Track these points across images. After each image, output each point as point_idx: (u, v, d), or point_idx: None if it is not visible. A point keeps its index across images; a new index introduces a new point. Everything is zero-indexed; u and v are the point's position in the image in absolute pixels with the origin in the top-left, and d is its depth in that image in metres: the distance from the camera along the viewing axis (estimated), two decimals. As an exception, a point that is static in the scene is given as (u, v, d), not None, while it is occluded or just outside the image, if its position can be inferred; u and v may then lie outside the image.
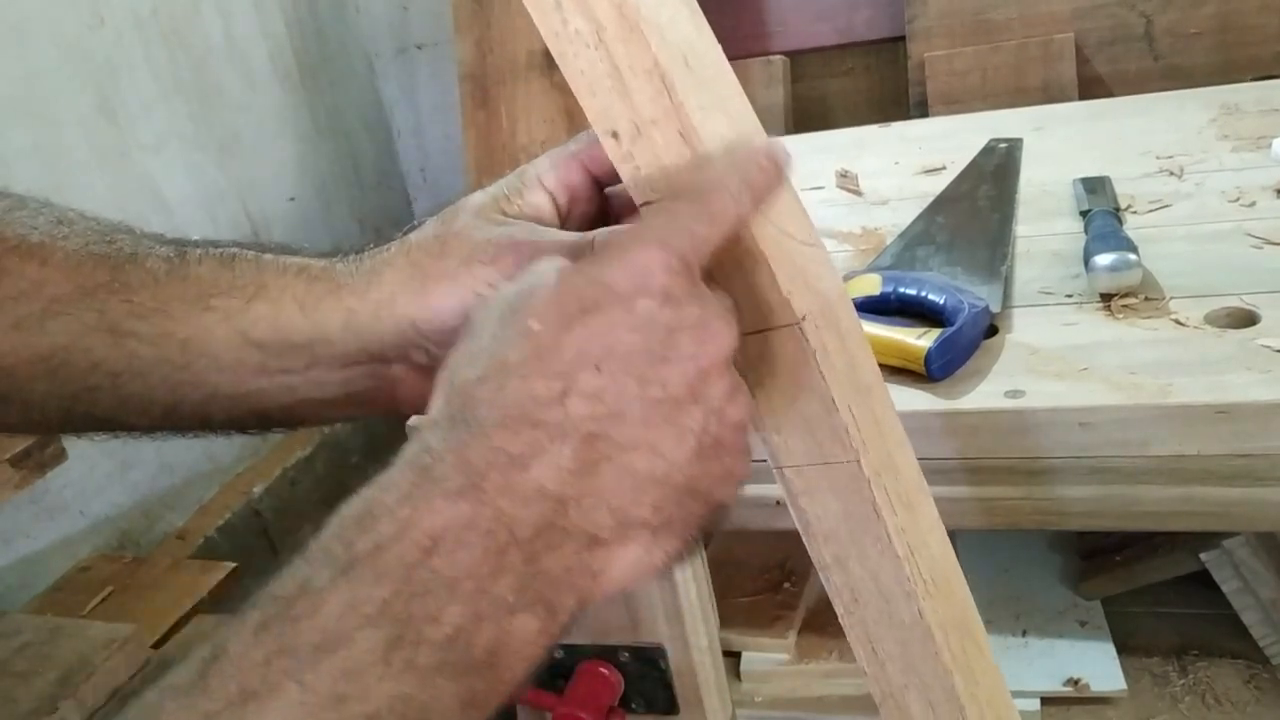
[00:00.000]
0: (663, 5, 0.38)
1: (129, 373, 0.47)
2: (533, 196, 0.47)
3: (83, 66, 1.34)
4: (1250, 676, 0.85)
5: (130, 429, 0.49)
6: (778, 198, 0.41)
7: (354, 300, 0.47)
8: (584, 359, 0.34)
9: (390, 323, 0.46)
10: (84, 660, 0.93)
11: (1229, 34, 1.55)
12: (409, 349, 0.46)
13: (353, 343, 0.47)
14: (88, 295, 0.46)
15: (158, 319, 0.46)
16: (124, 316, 0.46)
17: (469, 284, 0.44)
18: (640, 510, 0.35)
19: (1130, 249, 0.82)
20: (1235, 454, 0.69)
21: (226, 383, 0.47)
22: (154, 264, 0.47)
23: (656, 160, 0.40)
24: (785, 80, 1.79)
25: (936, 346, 0.75)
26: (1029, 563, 0.97)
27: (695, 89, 0.39)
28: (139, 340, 0.46)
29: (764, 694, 0.91)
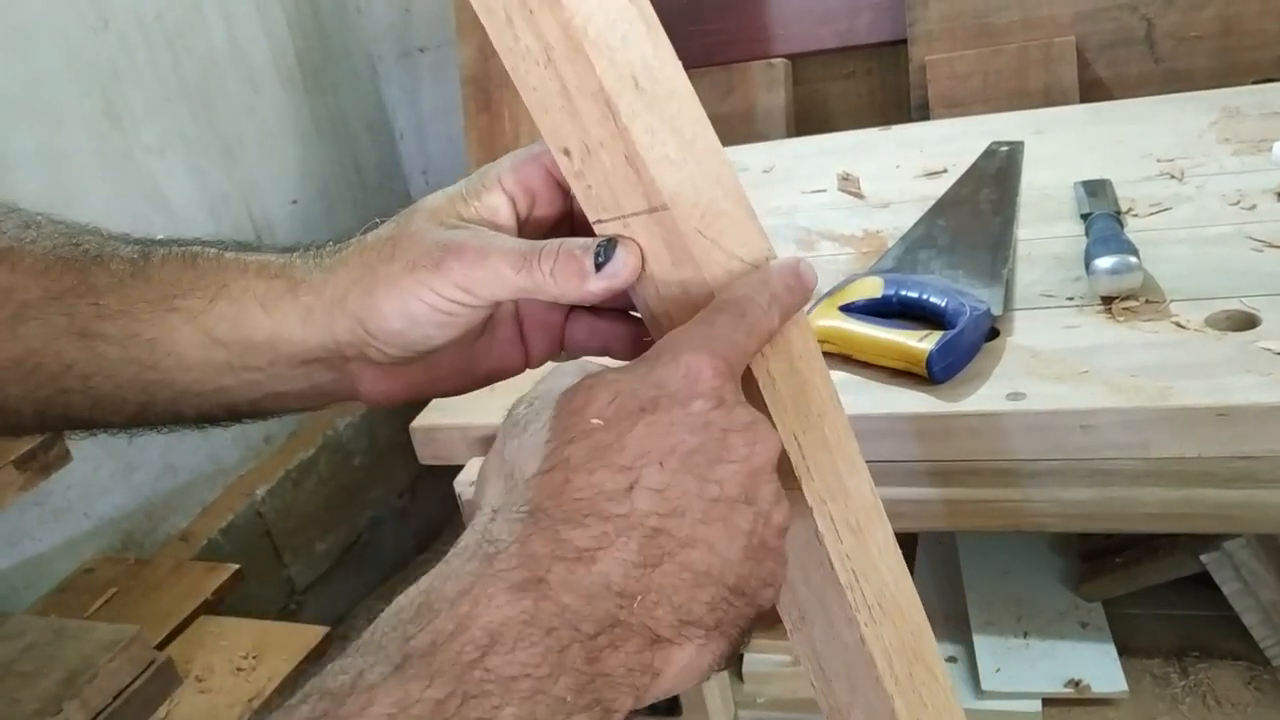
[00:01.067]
0: (615, 25, 0.38)
1: (100, 374, 0.48)
2: (490, 198, 0.47)
3: (86, 69, 1.34)
4: (1251, 678, 0.85)
5: (105, 427, 0.51)
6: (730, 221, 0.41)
7: (311, 298, 0.47)
8: (648, 455, 0.35)
9: (343, 322, 0.46)
10: (88, 661, 0.94)
11: (1230, 37, 1.55)
12: (363, 347, 0.47)
13: (312, 339, 0.47)
14: (56, 299, 0.47)
15: (124, 321, 0.47)
16: (92, 319, 0.47)
17: (411, 289, 0.44)
18: (698, 608, 0.35)
19: (1131, 252, 0.83)
20: (1235, 456, 0.69)
21: (195, 381, 0.48)
22: (118, 266, 0.48)
23: (605, 181, 0.40)
24: (787, 83, 1.79)
25: (938, 349, 0.75)
26: (1030, 564, 0.97)
27: (644, 112, 0.38)
28: (107, 342, 0.47)
29: (766, 695, 0.91)
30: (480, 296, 0.44)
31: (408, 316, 0.45)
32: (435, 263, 0.44)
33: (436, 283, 0.44)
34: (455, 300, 0.44)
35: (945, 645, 0.91)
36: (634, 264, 0.42)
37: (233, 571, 1.24)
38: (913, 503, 0.78)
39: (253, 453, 1.61)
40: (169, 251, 0.49)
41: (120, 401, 0.48)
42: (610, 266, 0.42)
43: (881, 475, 0.77)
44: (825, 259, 1.04)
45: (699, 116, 0.40)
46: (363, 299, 0.45)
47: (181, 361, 0.48)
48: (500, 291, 0.44)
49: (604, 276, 0.42)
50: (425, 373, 0.49)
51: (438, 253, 0.44)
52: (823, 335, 0.83)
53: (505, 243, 0.44)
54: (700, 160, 0.40)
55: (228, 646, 1.11)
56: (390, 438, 1.80)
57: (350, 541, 1.73)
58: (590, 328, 0.49)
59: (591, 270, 0.42)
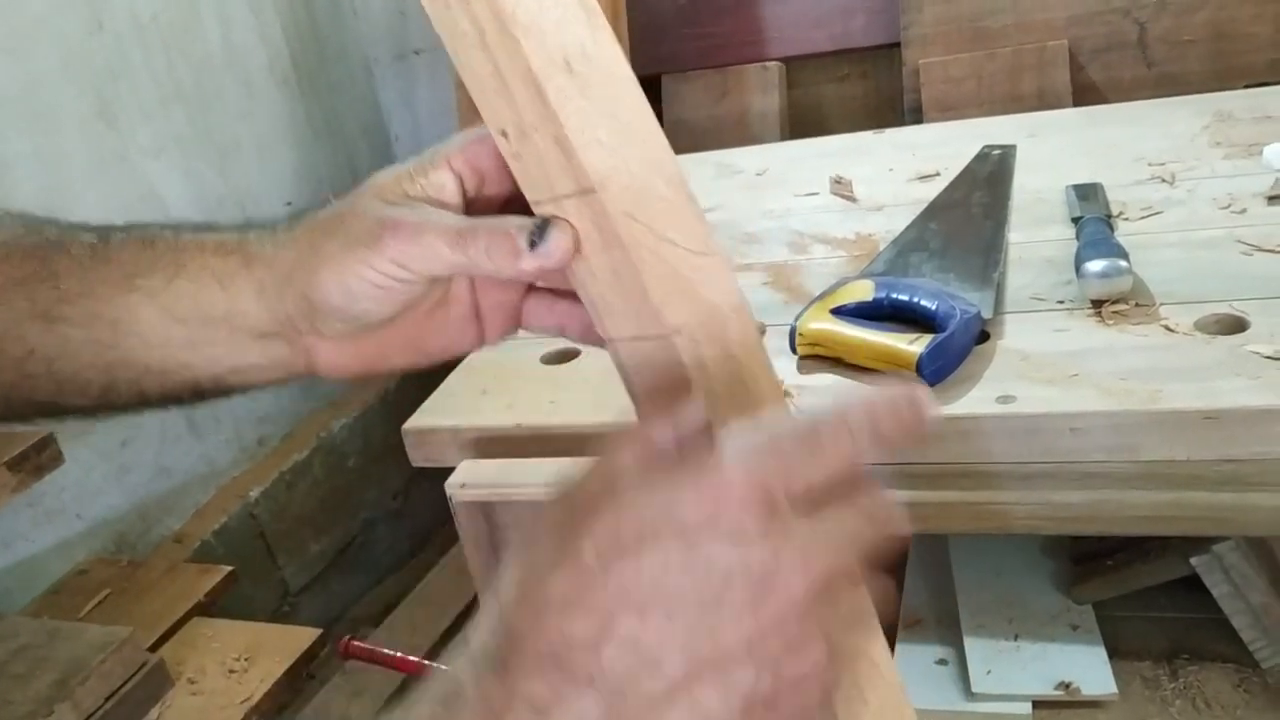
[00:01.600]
0: (547, 9, 0.38)
1: (63, 357, 0.49)
2: (436, 176, 0.47)
3: (82, 72, 1.35)
4: (1240, 680, 0.85)
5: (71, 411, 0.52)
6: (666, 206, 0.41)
7: (263, 272, 0.48)
8: (627, 600, 0.32)
9: (291, 297, 0.47)
10: (81, 663, 0.94)
11: (1222, 42, 1.55)
12: (312, 321, 0.48)
13: (265, 314, 0.48)
14: (18, 285, 0.48)
15: (85, 302, 0.48)
16: (54, 303, 0.48)
17: (350, 265, 0.45)
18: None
19: (1121, 256, 0.83)
20: (1225, 459, 0.70)
21: (157, 359, 0.49)
22: (78, 250, 0.49)
23: (539, 162, 0.40)
24: (781, 86, 1.79)
25: (928, 352, 0.75)
26: (1020, 567, 0.98)
27: (576, 95, 0.39)
28: (69, 324, 0.48)
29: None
30: (415, 272, 0.44)
31: (346, 292, 0.45)
32: (373, 239, 0.44)
33: (373, 259, 0.44)
34: (391, 276, 0.44)
35: (935, 648, 0.92)
36: (566, 245, 0.42)
37: (226, 573, 1.24)
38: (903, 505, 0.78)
39: (246, 454, 1.61)
40: (127, 235, 0.50)
41: (84, 383, 0.49)
42: (543, 247, 0.42)
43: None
44: (817, 262, 1.04)
45: (639, 103, 0.40)
46: (307, 275, 0.46)
47: (143, 340, 0.49)
48: (436, 267, 0.44)
49: (536, 256, 0.42)
50: (375, 346, 0.50)
51: (376, 229, 0.45)
52: (814, 338, 0.83)
53: (442, 219, 0.45)
54: (636, 145, 0.40)
55: (220, 648, 1.11)
56: (384, 440, 1.80)
57: (344, 543, 1.73)
58: (548, 306, 0.50)
59: (525, 249, 0.42)
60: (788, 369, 0.84)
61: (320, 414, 1.75)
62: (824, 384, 0.81)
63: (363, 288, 0.45)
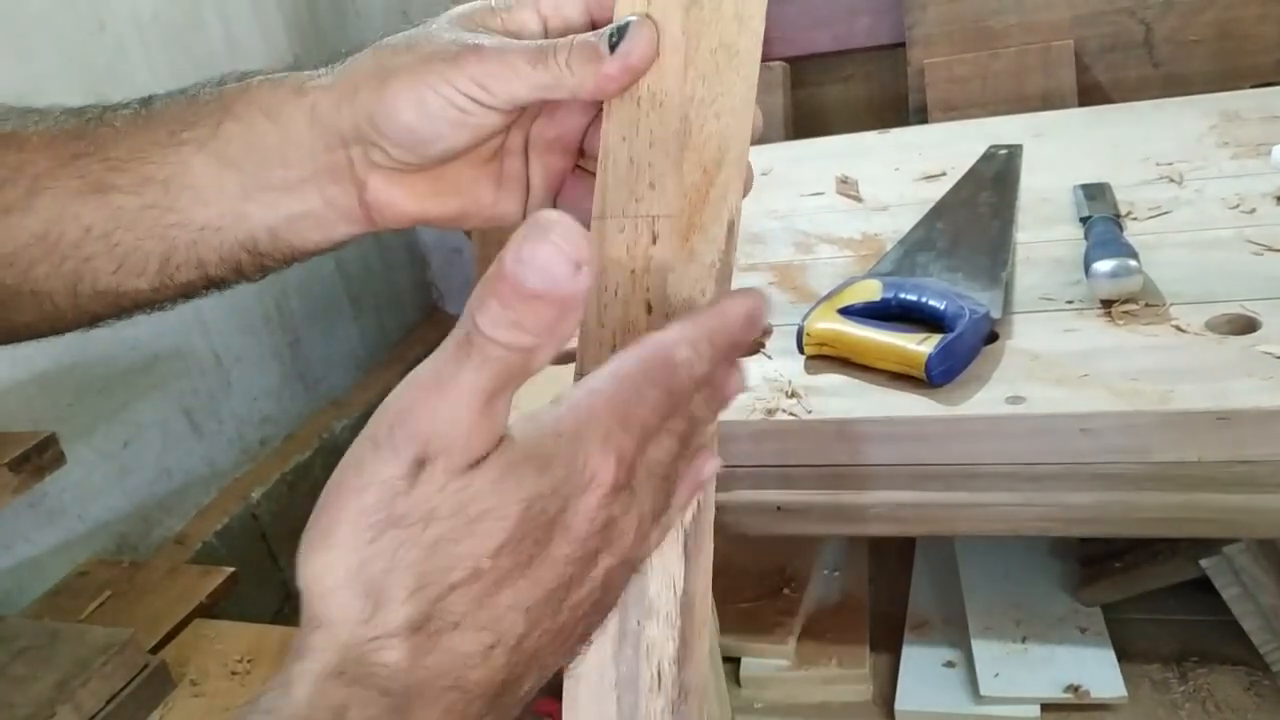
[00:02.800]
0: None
1: (120, 228, 0.48)
2: (521, 15, 0.46)
3: (83, 71, 1.34)
4: (1250, 683, 0.85)
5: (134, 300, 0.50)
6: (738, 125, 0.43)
7: (318, 95, 0.47)
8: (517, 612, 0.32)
9: (349, 114, 0.46)
10: (82, 665, 0.93)
11: (1228, 41, 1.55)
12: (369, 146, 0.46)
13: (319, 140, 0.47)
14: (66, 165, 0.48)
15: (135, 166, 0.48)
16: (104, 174, 0.48)
17: (428, 80, 0.44)
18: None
19: (1131, 255, 0.82)
20: (1236, 460, 0.69)
21: (212, 216, 0.48)
22: (122, 121, 0.49)
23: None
24: (785, 86, 1.79)
25: (937, 352, 0.75)
26: (1029, 569, 0.97)
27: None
28: (122, 193, 0.47)
29: (764, 699, 0.91)
30: (496, 94, 0.44)
31: (421, 108, 0.44)
32: (453, 57, 0.44)
33: (453, 75, 0.43)
34: (470, 96, 0.44)
35: (944, 650, 0.91)
36: (649, 38, 0.42)
37: (228, 575, 1.23)
38: (912, 506, 0.78)
39: (248, 456, 1.60)
40: (170, 96, 0.50)
41: (143, 257, 0.48)
42: (624, 44, 0.42)
43: (881, 479, 0.77)
44: (824, 262, 1.03)
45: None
46: (376, 90, 0.45)
47: (198, 196, 0.48)
48: (517, 88, 0.43)
49: (619, 56, 0.42)
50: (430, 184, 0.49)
51: (455, 49, 0.44)
52: (821, 338, 0.82)
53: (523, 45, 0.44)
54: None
55: (222, 650, 1.11)
56: (387, 441, 1.80)
57: (346, 545, 1.72)
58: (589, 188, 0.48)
59: (606, 53, 0.42)
60: (795, 369, 0.83)
61: (322, 414, 1.75)
62: (832, 384, 0.80)
63: (439, 105, 0.44)
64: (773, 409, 0.78)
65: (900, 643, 0.93)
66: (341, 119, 0.46)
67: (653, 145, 0.43)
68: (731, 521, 0.83)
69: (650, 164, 0.43)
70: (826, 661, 0.90)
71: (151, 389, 1.42)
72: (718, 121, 0.43)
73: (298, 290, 1.70)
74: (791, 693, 0.90)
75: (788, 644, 0.91)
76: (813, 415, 0.77)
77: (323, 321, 1.78)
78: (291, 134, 0.47)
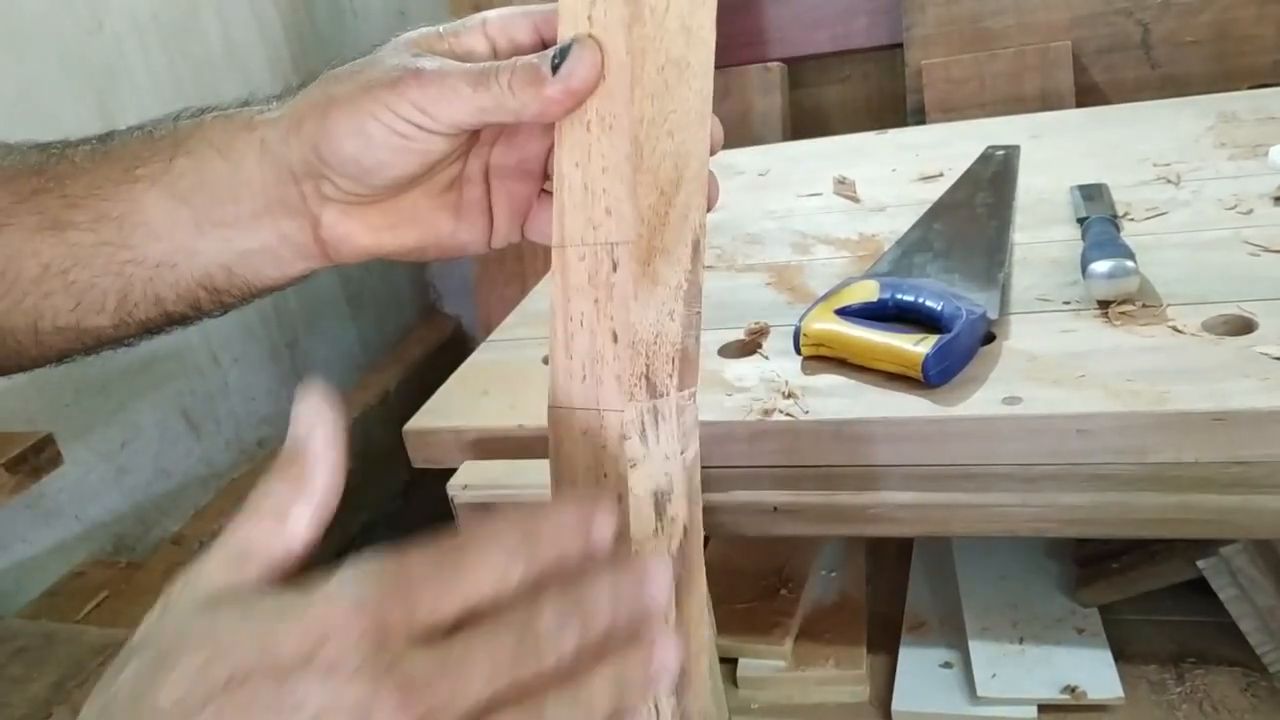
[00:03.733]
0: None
1: (77, 265, 0.48)
2: (469, 39, 0.46)
3: (81, 72, 1.34)
4: (1248, 684, 0.85)
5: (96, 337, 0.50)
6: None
7: (266, 129, 0.47)
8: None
9: (296, 148, 0.45)
10: (78, 666, 0.93)
11: (1226, 43, 1.55)
12: (319, 179, 0.46)
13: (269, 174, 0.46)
14: (26, 200, 0.48)
15: (92, 203, 0.47)
16: (62, 210, 0.47)
17: (367, 107, 0.43)
18: None
19: (1128, 256, 0.82)
20: (1233, 461, 0.69)
21: (167, 252, 0.48)
22: (82, 156, 0.49)
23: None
24: (783, 87, 1.79)
25: (934, 353, 0.75)
26: (1026, 570, 0.97)
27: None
28: (78, 230, 0.47)
29: (760, 700, 0.91)
30: (437, 119, 0.43)
31: (363, 136, 0.43)
32: (392, 82, 0.43)
33: (392, 101, 0.42)
34: (411, 121, 0.43)
35: (941, 650, 0.91)
36: (592, 59, 0.40)
37: (225, 575, 1.23)
38: (909, 507, 0.78)
39: (246, 456, 1.60)
40: (130, 131, 0.49)
41: (101, 294, 0.48)
42: (566, 66, 0.40)
43: (878, 480, 0.77)
44: (821, 262, 1.03)
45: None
46: (318, 121, 0.44)
47: (151, 232, 0.47)
48: (459, 112, 0.42)
49: (561, 78, 0.40)
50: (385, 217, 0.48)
51: (395, 73, 0.43)
52: (818, 339, 0.82)
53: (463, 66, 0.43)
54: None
55: (220, 651, 1.11)
56: (384, 441, 1.79)
57: (343, 546, 1.71)
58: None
59: (548, 75, 0.40)
60: (792, 369, 0.83)
61: (320, 415, 1.74)
62: (829, 385, 0.80)
63: (380, 133, 0.43)
64: (769, 409, 0.78)
65: (897, 643, 0.92)
66: (290, 152, 0.46)
67: (605, 170, 0.42)
68: (728, 522, 0.83)
69: (605, 189, 0.42)
70: (824, 662, 0.90)
71: (149, 389, 1.42)
72: (671, 140, 0.42)
73: (296, 291, 1.70)
74: (788, 693, 0.90)
75: (785, 645, 0.91)
76: (809, 416, 0.77)
77: (321, 322, 1.78)
78: (242, 169, 0.47)
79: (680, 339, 0.45)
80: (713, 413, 0.79)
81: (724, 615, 0.93)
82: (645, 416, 0.44)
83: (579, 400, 0.44)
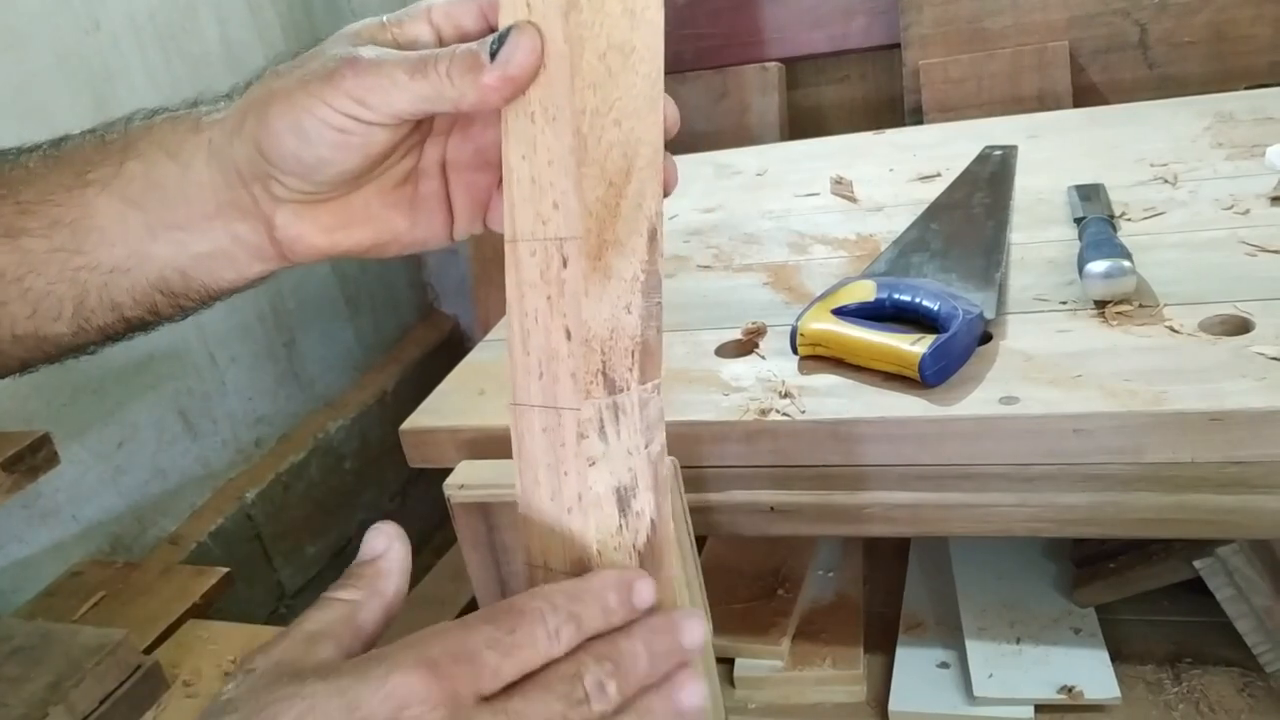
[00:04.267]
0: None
1: (31, 272, 0.47)
2: (413, 27, 0.45)
3: (78, 71, 1.34)
4: (1244, 685, 0.84)
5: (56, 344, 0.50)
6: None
7: (213, 130, 0.46)
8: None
9: (241, 148, 0.45)
10: (75, 665, 0.93)
11: (1223, 43, 1.55)
12: (265, 180, 0.45)
13: (218, 175, 0.46)
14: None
15: (44, 209, 0.47)
16: (15, 217, 0.47)
17: (303, 102, 0.42)
18: None
19: (1124, 256, 0.83)
20: (1229, 461, 0.69)
21: (120, 257, 0.47)
22: (35, 161, 0.49)
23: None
24: (780, 87, 1.79)
25: (930, 353, 0.75)
26: (1022, 570, 0.97)
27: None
28: (31, 236, 0.47)
29: (757, 701, 0.91)
30: (375, 109, 0.42)
31: (300, 132, 0.42)
32: (328, 74, 0.42)
33: (328, 94, 0.42)
34: (348, 114, 0.42)
35: (938, 651, 0.91)
36: (530, 45, 0.39)
37: (222, 575, 1.23)
38: (905, 507, 0.78)
39: (243, 456, 1.60)
40: (82, 137, 0.49)
41: (57, 301, 0.48)
42: (503, 52, 0.39)
43: (875, 480, 0.77)
44: (818, 262, 1.03)
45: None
46: (258, 119, 0.44)
47: (104, 237, 0.47)
48: (397, 101, 0.41)
49: (498, 65, 0.39)
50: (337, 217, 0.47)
51: (332, 64, 0.42)
52: (815, 338, 0.82)
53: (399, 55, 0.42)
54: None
55: (216, 651, 1.10)
56: (381, 441, 1.80)
57: (341, 545, 1.72)
58: None
59: (487, 62, 0.39)
60: (789, 369, 0.83)
61: (317, 415, 1.75)
62: (826, 384, 0.80)
63: (317, 128, 0.42)
64: (766, 409, 0.78)
65: (894, 643, 0.92)
66: (236, 153, 0.45)
67: (551, 163, 0.41)
68: (725, 522, 0.82)
69: (551, 183, 0.41)
70: (820, 662, 0.90)
71: (146, 389, 1.41)
72: (619, 128, 0.40)
73: (293, 291, 1.69)
74: (785, 694, 0.90)
75: (781, 645, 0.91)
76: (806, 416, 0.77)
77: (318, 322, 1.77)
78: (191, 171, 0.46)
79: (639, 332, 0.44)
80: (709, 412, 0.79)
81: (721, 615, 0.93)
82: (604, 413, 0.43)
83: (537, 398, 0.44)
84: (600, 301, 0.42)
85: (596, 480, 0.43)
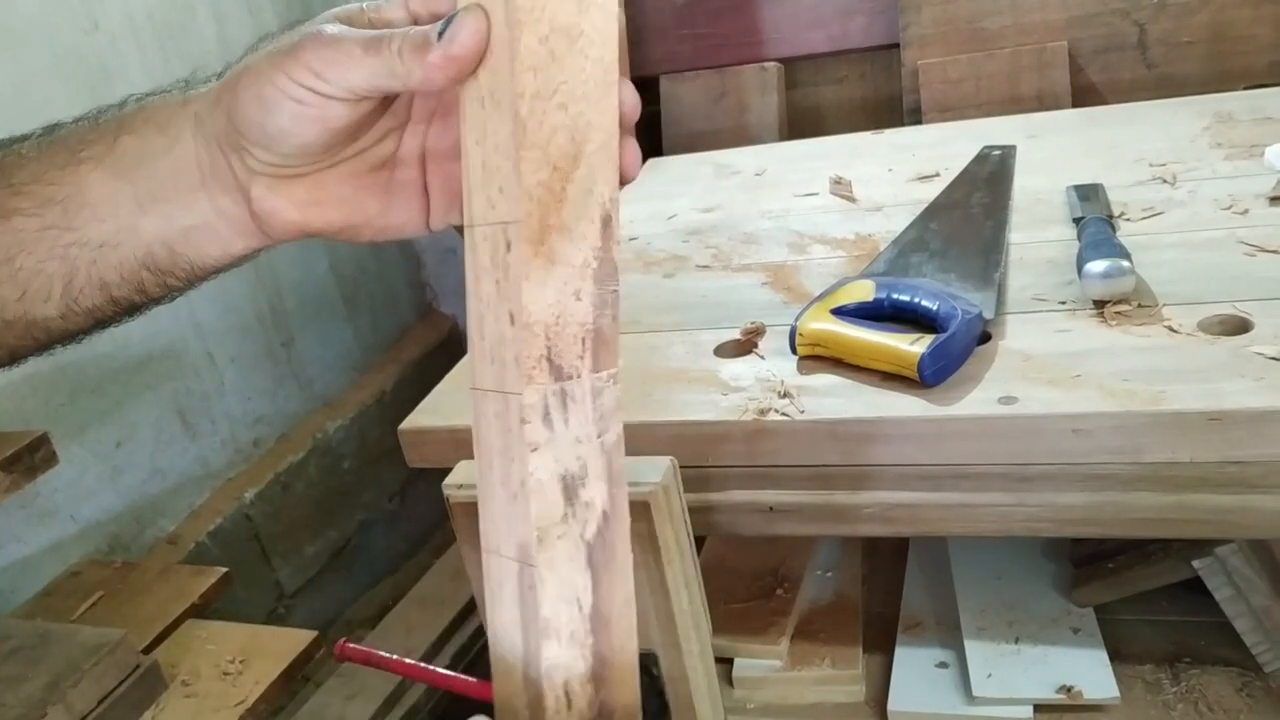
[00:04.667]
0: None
1: (23, 252, 0.48)
2: (390, 11, 0.46)
3: (77, 70, 1.34)
4: (1243, 684, 0.85)
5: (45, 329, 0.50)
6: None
7: (199, 103, 0.48)
8: None
9: (219, 118, 0.46)
10: (73, 665, 0.93)
11: (1222, 43, 1.55)
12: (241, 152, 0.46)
13: (202, 146, 0.47)
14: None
15: (36, 189, 0.48)
16: (7, 199, 0.48)
17: (266, 74, 0.44)
18: None
19: (1123, 256, 0.83)
20: (1228, 461, 0.69)
21: (109, 232, 0.48)
22: (28, 148, 0.49)
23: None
24: (779, 87, 1.79)
25: (930, 353, 0.75)
26: (1021, 570, 0.97)
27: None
28: (23, 215, 0.48)
29: (756, 701, 0.91)
30: (331, 82, 0.43)
31: (261, 101, 0.44)
32: (292, 48, 0.44)
33: (288, 65, 0.43)
34: (305, 85, 0.43)
35: (937, 650, 0.91)
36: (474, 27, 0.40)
37: (221, 575, 1.23)
38: (904, 507, 0.78)
39: (242, 456, 1.60)
40: (75, 122, 0.50)
41: (46, 281, 0.49)
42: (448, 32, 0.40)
43: (874, 480, 0.77)
44: (817, 262, 1.03)
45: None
46: (230, 90, 0.46)
47: (94, 212, 0.48)
48: (352, 75, 0.43)
49: (441, 45, 0.40)
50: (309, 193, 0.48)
51: (297, 39, 0.44)
52: (814, 338, 0.82)
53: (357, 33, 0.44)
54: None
55: (215, 650, 1.10)
56: (380, 441, 1.80)
57: (340, 545, 1.72)
58: None
59: (434, 40, 0.41)
60: (788, 369, 0.83)
61: (316, 415, 1.74)
62: (825, 384, 0.80)
63: (276, 98, 0.44)
64: (765, 409, 0.78)
65: (893, 643, 0.92)
66: (216, 123, 0.47)
67: (497, 148, 0.41)
68: (724, 522, 0.82)
69: (497, 168, 0.41)
70: (819, 662, 0.90)
71: (145, 389, 1.41)
72: (564, 112, 0.40)
73: (292, 290, 1.69)
74: (784, 693, 0.90)
75: (780, 645, 0.91)
76: (805, 416, 0.77)
77: (317, 321, 1.77)
78: (179, 143, 0.48)
79: (591, 319, 0.43)
80: (708, 412, 0.79)
81: (720, 615, 0.93)
82: (550, 399, 0.43)
83: (489, 382, 0.44)
84: (543, 286, 0.41)
85: (538, 466, 0.43)
